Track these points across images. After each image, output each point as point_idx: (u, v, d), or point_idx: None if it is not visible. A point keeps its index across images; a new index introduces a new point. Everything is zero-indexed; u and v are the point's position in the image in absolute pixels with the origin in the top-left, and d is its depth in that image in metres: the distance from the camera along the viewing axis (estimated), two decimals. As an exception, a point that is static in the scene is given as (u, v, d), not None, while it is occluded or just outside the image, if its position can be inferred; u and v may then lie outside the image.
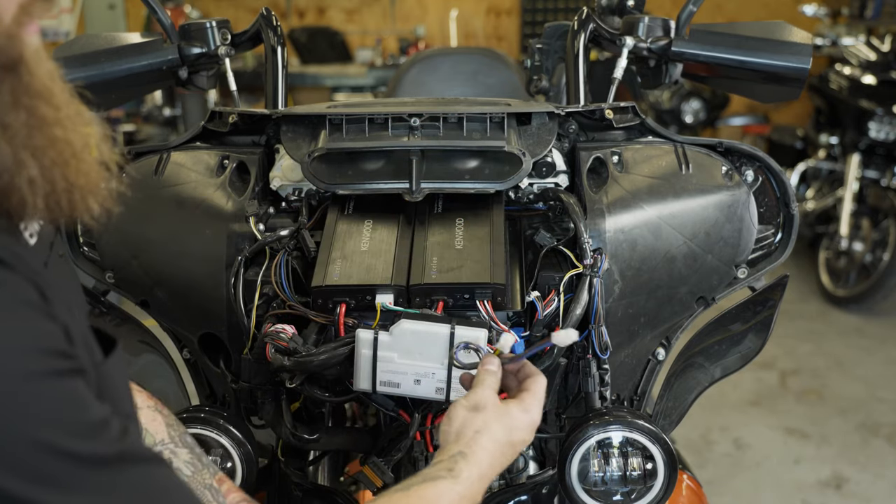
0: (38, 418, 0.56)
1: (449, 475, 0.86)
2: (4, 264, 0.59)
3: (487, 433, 0.91)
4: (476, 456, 0.89)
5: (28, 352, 0.57)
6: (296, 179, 1.26)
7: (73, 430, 0.58)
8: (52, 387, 0.58)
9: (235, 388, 1.17)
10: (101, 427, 0.61)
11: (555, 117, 1.25)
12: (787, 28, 1.34)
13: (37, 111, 0.61)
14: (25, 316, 0.58)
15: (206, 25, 1.47)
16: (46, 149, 0.62)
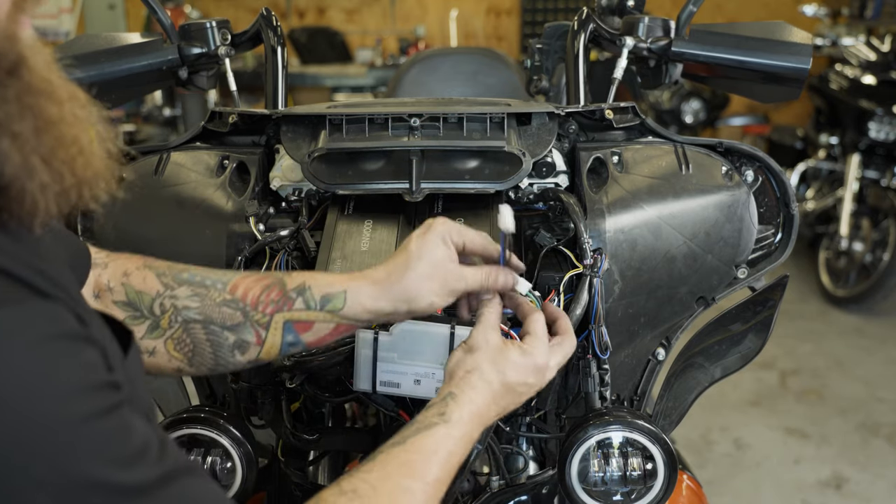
0: (87, 458, 0.56)
1: (441, 420, 0.85)
2: (45, 294, 0.58)
3: (477, 373, 0.89)
4: (466, 395, 0.88)
5: (75, 393, 0.57)
6: (296, 179, 1.26)
7: (120, 463, 0.58)
8: (99, 425, 0.58)
9: (235, 388, 1.17)
10: (143, 451, 0.60)
11: (555, 117, 1.25)
12: (787, 28, 1.34)
13: (42, 112, 0.61)
14: (70, 351, 0.58)
15: (206, 25, 1.47)
16: (55, 150, 0.62)
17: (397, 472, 0.79)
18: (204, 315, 0.92)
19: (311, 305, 0.92)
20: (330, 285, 0.92)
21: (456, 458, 0.85)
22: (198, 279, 0.93)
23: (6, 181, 0.59)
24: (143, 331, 0.92)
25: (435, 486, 0.81)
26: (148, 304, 0.92)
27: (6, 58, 0.58)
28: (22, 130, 0.59)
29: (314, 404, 1.23)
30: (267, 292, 0.91)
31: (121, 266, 0.94)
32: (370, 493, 0.76)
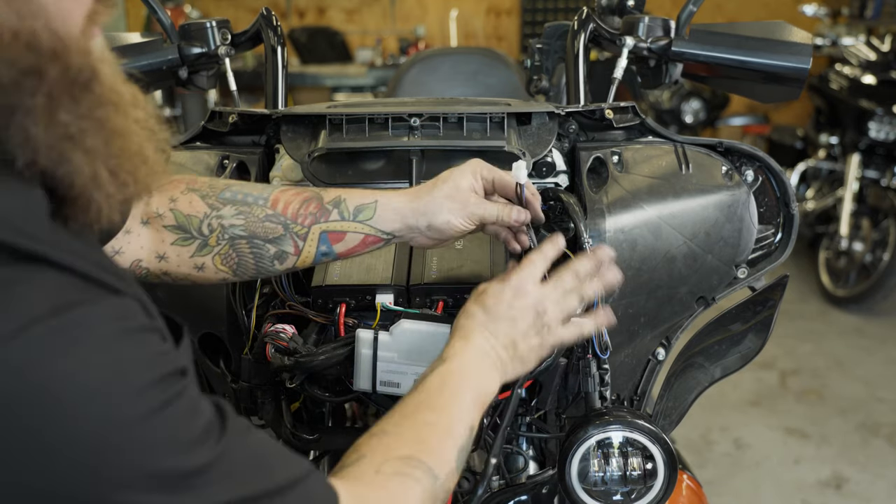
0: (162, 448, 0.59)
1: (439, 361, 0.91)
2: (117, 291, 0.60)
3: (464, 314, 0.96)
4: (455, 336, 0.94)
5: (149, 387, 0.59)
6: (296, 179, 1.26)
7: (188, 446, 0.60)
8: (171, 412, 0.60)
9: (235, 388, 1.17)
10: (208, 430, 0.63)
11: (555, 117, 1.25)
12: (787, 28, 1.34)
13: (111, 123, 0.63)
14: (142, 343, 0.60)
15: (206, 25, 1.47)
16: (122, 161, 0.64)
17: (415, 411, 0.86)
18: (248, 231, 0.99)
19: (345, 216, 0.99)
20: (363, 197, 1.00)
21: (468, 387, 0.89)
22: (240, 197, 1.00)
23: (76, 192, 0.62)
24: (193, 250, 1.00)
25: (456, 416, 0.87)
26: (197, 226, 0.99)
27: (82, 73, 0.60)
28: (94, 145, 0.61)
29: (314, 404, 1.23)
30: (306, 205, 0.99)
31: (166, 192, 0.99)
32: (396, 429, 0.83)
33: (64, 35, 0.59)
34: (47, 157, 0.59)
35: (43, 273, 0.56)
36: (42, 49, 0.57)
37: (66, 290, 0.57)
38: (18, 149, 0.58)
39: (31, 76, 0.57)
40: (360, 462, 0.79)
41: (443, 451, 0.83)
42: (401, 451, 0.80)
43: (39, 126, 0.58)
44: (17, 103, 0.57)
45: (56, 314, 0.55)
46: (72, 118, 0.60)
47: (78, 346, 0.55)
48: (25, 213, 0.58)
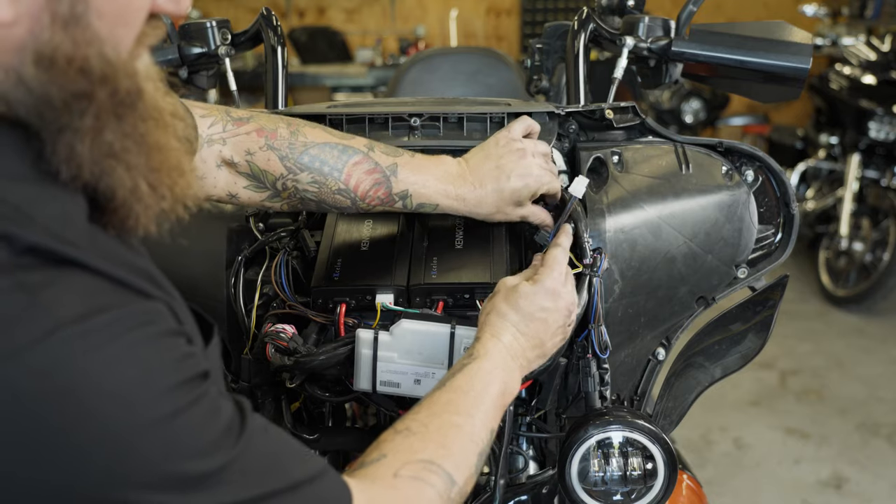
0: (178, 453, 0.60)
1: (469, 359, 0.93)
2: (147, 295, 0.62)
3: (494, 312, 0.98)
4: (486, 333, 0.96)
5: (172, 390, 0.60)
6: (296, 179, 1.26)
7: (206, 451, 0.62)
8: (190, 417, 0.61)
9: (235, 387, 1.17)
10: (227, 431, 0.64)
11: (555, 117, 1.25)
12: (787, 28, 1.34)
13: (152, 138, 0.65)
14: (169, 347, 0.61)
15: (206, 25, 1.47)
16: (161, 175, 0.67)
17: (442, 410, 0.87)
18: (319, 198, 1.07)
19: (409, 207, 1.09)
20: (428, 198, 1.08)
21: (494, 390, 0.91)
22: (317, 165, 1.05)
23: (117, 204, 0.65)
24: (264, 197, 1.08)
25: (480, 419, 0.88)
26: (271, 182, 1.06)
27: (129, 95, 0.62)
28: (135, 161, 0.64)
29: (314, 404, 1.23)
30: (376, 189, 1.07)
31: (242, 143, 1.04)
32: (422, 429, 0.83)
33: (114, 60, 0.61)
34: (90, 173, 0.62)
35: (75, 277, 0.58)
36: (93, 74, 0.59)
37: (97, 294, 0.58)
38: (63, 164, 0.60)
39: (82, 99, 0.59)
40: (381, 462, 0.80)
41: (464, 455, 0.84)
42: (422, 454, 0.81)
43: (85, 144, 0.60)
44: (66, 123, 0.59)
45: (85, 318, 0.56)
46: (116, 137, 0.62)
47: (104, 350, 0.57)
48: (64, 219, 0.60)
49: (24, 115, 0.59)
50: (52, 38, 0.58)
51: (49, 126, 0.59)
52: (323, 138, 1.07)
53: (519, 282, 1.00)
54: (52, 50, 0.58)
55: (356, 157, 1.07)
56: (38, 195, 0.60)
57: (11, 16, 0.56)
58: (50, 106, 0.59)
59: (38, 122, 0.60)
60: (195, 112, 1.03)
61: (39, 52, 0.58)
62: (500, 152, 1.10)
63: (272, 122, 1.07)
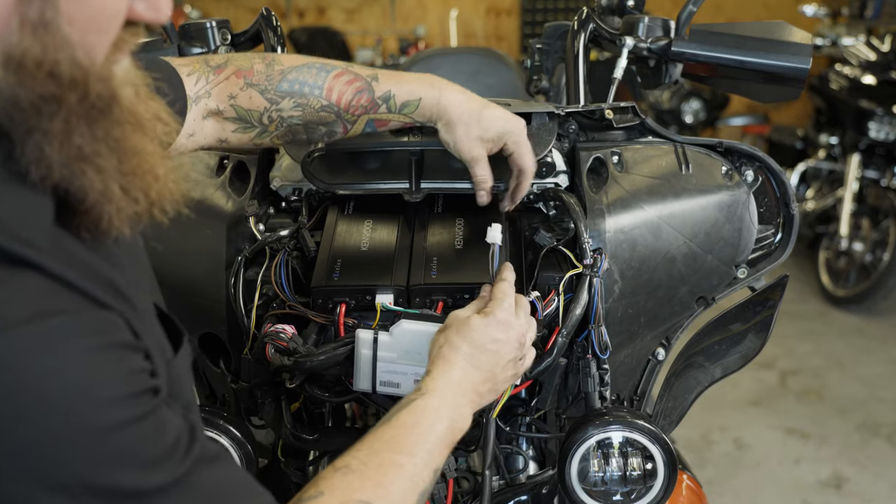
0: (115, 464, 0.59)
1: (418, 394, 0.91)
2: (103, 305, 0.62)
3: (447, 345, 0.96)
4: (438, 368, 0.94)
5: (115, 402, 0.60)
6: (296, 179, 1.26)
7: (147, 466, 0.61)
8: (132, 431, 0.60)
9: (235, 388, 1.17)
10: (172, 450, 0.63)
11: (555, 117, 1.25)
12: (787, 28, 1.34)
13: (125, 143, 0.65)
14: (117, 359, 0.61)
15: (206, 25, 1.47)
16: (133, 179, 0.67)
17: (384, 448, 0.85)
18: (304, 120, 1.08)
19: (392, 110, 1.08)
20: (410, 93, 1.08)
21: (441, 427, 0.89)
22: (297, 88, 1.06)
23: (87, 206, 0.65)
24: (253, 135, 1.09)
25: (423, 459, 0.86)
26: (257, 118, 1.07)
27: (101, 99, 0.62)
28: (107, 164, 0.64)
29: (314, 404, 1.23)
30: (358, 97, 1.07)
31: (224, 90, 1.06)
32: (361, 467, 0.82)
33: (85, 65, 0.61)
34: (60, 175, 0.62)
35: (29, 278, 0.58)
36: (62, 78, 0.60)
37: (49, 298, 0.58)
38: (32, 165, 0.60)
39: (50, 102, 0.60)
40: (317, 500, 0.78)
41: (402, 496, 0.83)
42: (359, 493, 0.80)
43: (54, 147, 0.61)
44: (34, 125, 0.60)
45: (34, 319, 0.56)
46: (86, 140, 0.62)
47: (48, 353, 0.57)
48: (26, 220, 0.60)
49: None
50: (20, 42, 0.58)
51: (18, 127, 0.60)
52: (299, 61, 1.09)
53: (470, 314, 0.98)
54: (21, 53, 0.58)
55: (335, 70, 1.08)
56: (2, 194, 0.60)
57: None
58: (18, 108, 0.59)
59: (7, 122, 0.60)
60: (181, 72, 1.04)
61: (8, 55, 0.58)
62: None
63: (248, 59, 1.08)
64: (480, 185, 1.14)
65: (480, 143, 1.10)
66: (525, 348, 1.02)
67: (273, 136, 1.10)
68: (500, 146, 1.12)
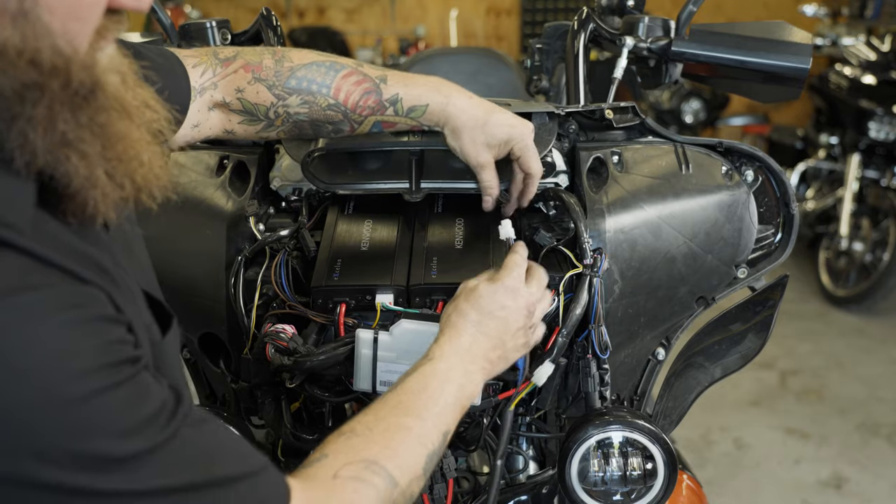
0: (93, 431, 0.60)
1: (425, 360, 0.93)
2: (82, 280, 0.63)
3: (455, 312, 0.98)
4: (446, 335, 0.96)
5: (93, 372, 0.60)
6: (296, 179, 1.26)
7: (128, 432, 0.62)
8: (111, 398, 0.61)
9: (235, 388, 1.17)
10: (153, 418, 0.64)
11: (555, 117, 1.25)
12: (787, 28, 1.34)
13: (110, 129, 0.66)
14: (96, 331, 0.62)
15: (206, 25, 1.47)
16: (118, 164, 0.68)
17: (391, 413, 0.86)
18: (311, 117, 1.09)
19: (399, 113, 1.09)
20: (418, 98, 1.08)
21: (451, 390, 0.90)
22: (304, 85, 1.07)
23: (73, 191, 0.66)
24: (259, 128, 1.10)
25: (432, 421, 0.87)
26: (263, 112, 1.08)
27: (84, 86, 0.64)
28: (91, 150, 0.65)
29: (314, 404, 1.23)
30: (365, 98, 1.08)
31: (231, 83, 1.07)
32: (366, 431, 0.83)
33: (67, 53, 0.62)
34: (44, 160, 0.63)
35: (6, 256, 0.59)
36: (44, 66, 0.61)
37: (27, 274, 0.59)
38: (17, 151, 0.62)
39: (33, 89, 0.61)
40: (321, 462, 0.79)
41: (410, 457, 0.83)
42: (364, 454, 0.80)
43: (38, 133, 0.62)
44: (18, 112, 0.61)
45: (10, 293, 0.58)
46: (70, 126, 0.63)
47: (25, 326, 0.58)
48: (7, 203, 0.61)
49: None
50: (1, 32, 0.59)
51: (2, 114, 0.61)
52: (309, 58, 1.09)
53: (479, 282, 1.00)
54: (2, 42, 0.59)
55: (345, 70, 1.08)
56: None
57: None
58: (1, 95, 0.60)
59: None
60: (187, 63, 1.05)
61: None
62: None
63: (257, 54, 1.09)
64: (487, 192, 1.15)
65: (487, 149, 1.11)
66: (535, 318, 1.02)
67: (279, 130, 1.11)
68: (506, 151, 1.12)
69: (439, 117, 1.09)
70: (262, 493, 0.71)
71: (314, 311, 1.11)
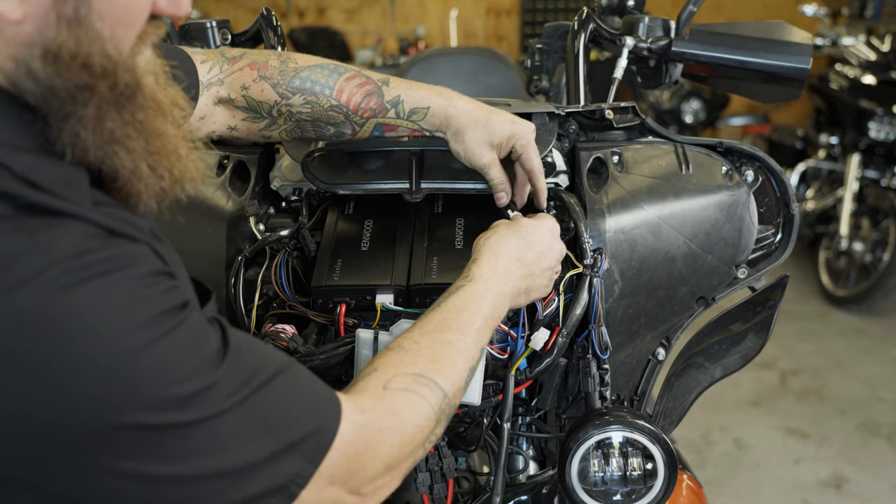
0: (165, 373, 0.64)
1: (464, 280, 0.98)
2: (133, 239, 0.68)
3: (494, 237, 1.02)
4: (483, 257, 1.00)
5: (153, 320, 0.65)
6: (296, 179, 1.26)
7: (194, 369, 0.66)
8: (176, 338, 0.66)
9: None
10: (212, 352, 0.69)
11: (555, 117, 1.25)
12: (787, 28, 1.34)
13: (150, 125, 0.72)
14: (154, 283, 0.67)
15: (206, 25, 1.47)
16: (159, 158, 0.73)
17: (434, 329, 0.91)
18: (313, 117, 1.11)
19: (401, 115, 1.11)
20: (420, 101, 1.10)
21: (486, 311, 0.96)
22: (308, 86, 1.09)
23: (120, 184, 0.72)
24: (262, 126, 1.13)
25: (472, 337, 0.92)
26: (267, 110, 1.11)
27: (128, 87, 0.69)
28: (135, 146, 0.71)
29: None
30: (367, 100, 1.10)
31: (237, 80, 1.10)
32: (413, 346, 0.88)
33: (114, 56, 0.67)
34: (94, 155, 0.69)
35: (70, 224, 0.64)
36: (94, 69, 0.66)
37: (89, 239, 0.64)
38: (69, 147, 0.67)
39: (84, 90, 0.66)
40: (371, 376, 0.83)
41: (456, 369, 0.88)
42: (413, 367, 0.85)
43: (88, 131, 0.67)
44: (70, 112, 0.66)
45: (75, 257, 0.62)
46: (116, 124, 0.69)
47: (90, 283, 0.62)
48: (66, 183, 0.66)
49: (33, 102, 0.66)
50: (57, 36, 0.64)
51: (55, 113, 0.66)
52: (314, 61, 1.12)
53: (519, 216, 1.05)
54: (58, 47, 0.64)
55: (348, 73, 1.10)
56: (42, 163, 0.66)
57: (20, 14, 0.63)
58: (55, 96, 0.66)
59: (45, 108, 0.66)
60: (196, 59, 1.09)
61: (46, 48, 0.64)
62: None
63: (263, 55, 1.12)
64: (498, 188, 1.16)
65: (489, 149, 1.12)
66: (557, 266, 1.07)
67: (282, 129, 1.13)
68: (508, 149, 1.13)
69: (441, 120, 1.10)
70: (317, 394, 0.76)
71: (314, 311, 1.11)
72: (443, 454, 1.13)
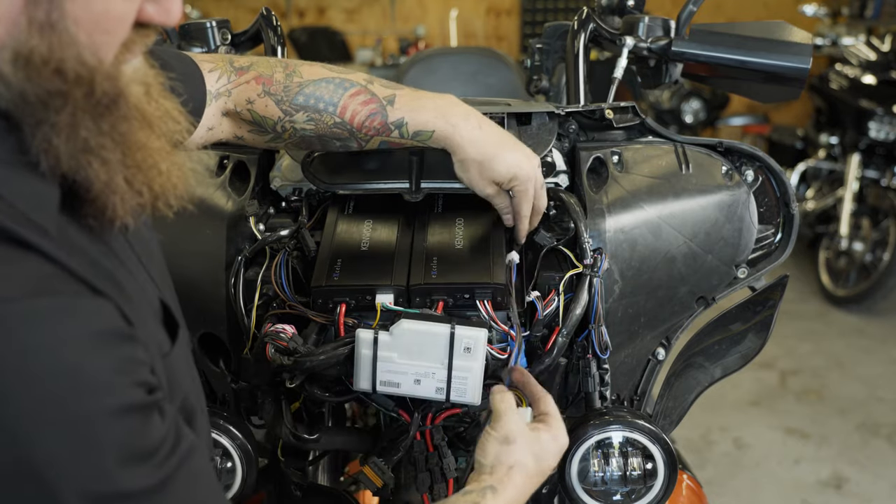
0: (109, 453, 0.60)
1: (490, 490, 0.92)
2: (96, 291, 0.64)
3: (519, 467, 0.95)
4: (507, 491, 0.94)
5: (104, 388, 0.61)
6: (296, 179, 1.26)
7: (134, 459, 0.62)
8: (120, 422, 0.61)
9: (235, 388, 1.17)
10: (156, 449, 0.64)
11: (555, 117, 1.25)
12: (787, 28, 1.34)
13: (131, 137, 0.69)
14: (108, 347, 0.62)
15: (206, 25, 1.47)
16: (137, 172, 0.70)
17: None
18: (317, 133, 1.10)
19: (405, 136, 1.09)
20: (424, 124, 1.08)
21: None
22: (311, 102, 1.08)
23: (93, 195, 0.68)
24: (267, 139, 1.12)
25: None
26: (271, 126, 1.10)
27: (107, 95, 0.66)
28: (112, 157, 0.68)
29: (314, 404, 1.23)
30: (371, 119, 1.08)
31: (243, 93, 1.09)
32: None
33: (92, 63, 0.64)
34: (67, 165, 0.65)
35: (31, 259, 0.61)
36: (68, 75, 0.63)
37: (47, 280, 0.61)
38: (42, 155, 0.64)
39: (57, 97, 0.63)
40: None
41: None
42: None
43: (61, 138, 0.64)
44: (43, 118, 0.64)
45: (29, 298, 0.58)
46: (91, 134, 0.66)
47: (38, 333, 0.58)
48: (35, 202, 0.64)
49: (5, 107, 0.64)
50: (28, 41, 0.62)
51: (27, 119, 0.64)
52: (319, 74, 1.09)
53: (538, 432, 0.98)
54: (29, 51, 0.62)
55: (353, 88, 1.08)
56: (13, 178, 0.63)
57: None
58: (26, 101, 0.63)
59: (18, 114, 0.64)
60: (203, 67, 1.07)
61: (16, 52, 0.62)
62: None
63: (269, 67, 1.10)
64: (504, 212, 1.15)
65: (492, 183, 1.11)
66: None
67: (287, 143, 1.12)
68: (508, 188, 1.12)
69: (445, 144, 1.08)
70: None
71: (314, 311, 1.11)
72: (443, 454, 1.13)
